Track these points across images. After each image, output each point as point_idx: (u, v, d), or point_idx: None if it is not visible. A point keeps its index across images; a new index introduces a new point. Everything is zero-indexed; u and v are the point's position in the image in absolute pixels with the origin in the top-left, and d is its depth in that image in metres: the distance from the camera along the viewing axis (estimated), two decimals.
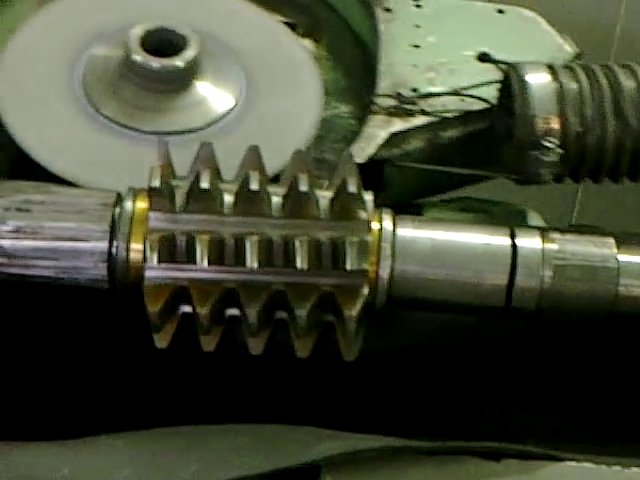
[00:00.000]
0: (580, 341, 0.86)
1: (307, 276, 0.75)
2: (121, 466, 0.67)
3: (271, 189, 0.76)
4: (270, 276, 0.75)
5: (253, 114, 0.93)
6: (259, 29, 1.01)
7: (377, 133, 0.95)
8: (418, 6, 1.09)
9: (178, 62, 0.91)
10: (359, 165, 0.78)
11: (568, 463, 0.69)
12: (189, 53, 0.91)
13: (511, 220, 0.95)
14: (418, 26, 1.06)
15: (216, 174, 0.77)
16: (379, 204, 0.79)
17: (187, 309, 0.76)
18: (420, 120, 0.97)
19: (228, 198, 0.75)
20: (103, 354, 0.86)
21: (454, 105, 0.98)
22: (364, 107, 1.00)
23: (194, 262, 0.74)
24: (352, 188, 0.75)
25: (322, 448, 0.66)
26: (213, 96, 0.93)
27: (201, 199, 0.74)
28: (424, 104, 0.98)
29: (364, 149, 0.94)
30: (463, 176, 0.99)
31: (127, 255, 0.76)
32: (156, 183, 0.74)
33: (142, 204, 0.77)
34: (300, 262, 0.74)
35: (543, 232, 0.79)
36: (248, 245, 0.74)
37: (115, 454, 0.69)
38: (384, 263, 0.77)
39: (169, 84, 0.92)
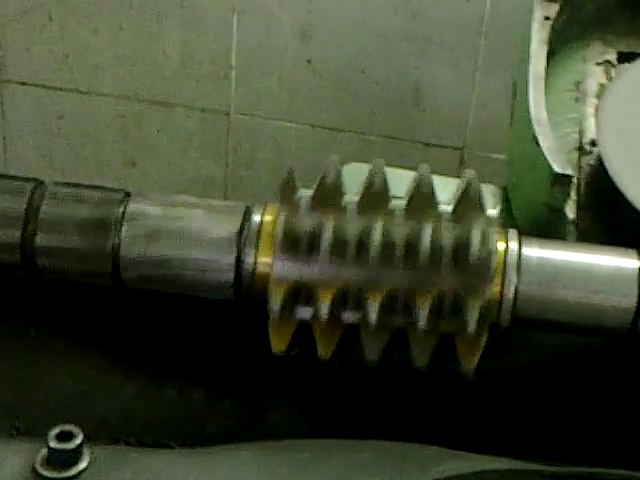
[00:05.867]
0: None
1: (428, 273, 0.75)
2: (246, 477, 0.68)
3: (396, 228, 0.76)
4: (393, 319, 0.75)
5: None
6: None
7: None
8: None
9: None
10: None
11: None
12: None
13: None
14: None
15: (341, 209, 0.76)
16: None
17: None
18: None
19: (352, 248, 0.75)
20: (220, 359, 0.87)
21: None
22: None
23: (316, 311, 0.75)
24: (475, 250, 0.74)
25: (444, 468, 0.66)
26: None
27: (324, 250, 0.75)
28: None
29: None
30: None
31: (254, 274, 0.77)
32: (279, 238, 0.75)
33: (270, 217, 0.78)
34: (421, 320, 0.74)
35: None
36: (370, 298, 0.74)
37: (241, 464, 0.70)
38: (509, 283, 0.76)
39: None
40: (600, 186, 0.90)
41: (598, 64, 1.07)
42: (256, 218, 0.79)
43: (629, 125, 0.95)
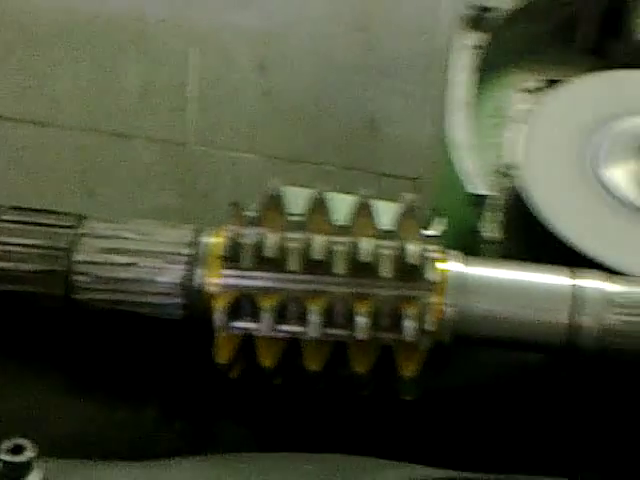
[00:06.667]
0: None
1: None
2: None
3: (336, 241, 0.79)
4: (333, 330, 0.79)
5: None
6: None
7: None
8: None
9: None
10: None
11: None
12: None
13: None
14: None
15: (283, 225, 0.80)
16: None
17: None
18: None
19: (293, 260, 0.78)
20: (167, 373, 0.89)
21: None
22: None
23: (259, 322, 0.78)
24: (411, 259, 0.77)
25: (381, 476, 0.68)
26: None
27: (267, 262, 0.78)
28: None
29: None
30: None
31: (202, 294, 0.80)
32: (225, 252, 0.79)
33: (219, 239, 0.81)
34: (360, 329, 0.77)
35: (605, 274, 0.80)
36: (311, 308, 0.78)
37: (188, 475, 0.71)
38: (450, 301, 0.79)
39: None
40: (519, 208, 0.93)
41: (521, 91, 1.11)
42: (206, 240, 0.81)
43: (548, 150, 0.99)
